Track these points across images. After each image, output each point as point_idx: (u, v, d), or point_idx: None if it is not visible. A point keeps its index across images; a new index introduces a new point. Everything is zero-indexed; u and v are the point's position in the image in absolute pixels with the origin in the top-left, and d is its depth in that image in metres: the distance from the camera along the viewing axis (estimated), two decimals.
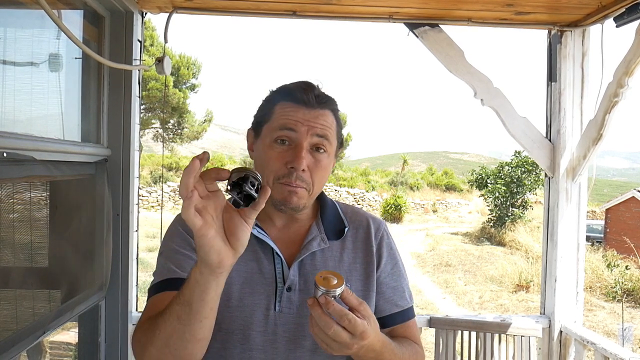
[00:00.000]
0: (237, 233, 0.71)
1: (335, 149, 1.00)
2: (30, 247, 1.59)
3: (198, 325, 0.75)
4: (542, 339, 2.37)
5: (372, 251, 1.01)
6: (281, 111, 0.94)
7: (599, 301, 9.89)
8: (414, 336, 1.03)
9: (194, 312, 0.74)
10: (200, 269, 0.72)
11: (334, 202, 1.08)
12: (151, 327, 0.79)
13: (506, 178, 16.66)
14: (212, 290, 0.73)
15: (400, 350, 0.91)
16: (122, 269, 2.10)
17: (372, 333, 0.77)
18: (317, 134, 0.93)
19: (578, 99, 2.35)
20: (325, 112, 0.95)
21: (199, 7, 2.17)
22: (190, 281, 0.74)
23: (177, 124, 20.20)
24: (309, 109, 0.93)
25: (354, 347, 0.75)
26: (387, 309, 1.00)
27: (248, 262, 0.95)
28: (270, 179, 0.92)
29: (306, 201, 0.95)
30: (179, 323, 0.75)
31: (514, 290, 10.29)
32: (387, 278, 1.02)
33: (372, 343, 0.79)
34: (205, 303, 0.74)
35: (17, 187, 1.47)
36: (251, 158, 1.02)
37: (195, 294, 0.73)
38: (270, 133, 0.94)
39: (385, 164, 72.95)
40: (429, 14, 2.21)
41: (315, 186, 0.95)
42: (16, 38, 1.72)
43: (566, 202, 2.36)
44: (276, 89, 1.00)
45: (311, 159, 0.93)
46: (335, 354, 0.77)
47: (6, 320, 1.46)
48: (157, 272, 0.94)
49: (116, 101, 2.07)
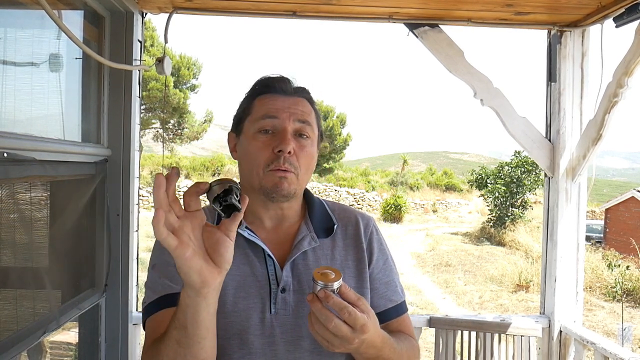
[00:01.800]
0: (220, 249, 0.70)
1: (318, 139, 1.01)
2: (30, 247, 1.59)
3: (197, 347, 0.75)
4: (542, 339, 2.37)
5: (362, 247, 1.02)
6: (260, 102, 0.97)
7: (599, 301, 9.90)
8: (408, 329, 1.04)
9: (191, 335, 0.74)
10: (187, 292, 0.71)
11: (321, 200, 1.08)
12: (155, 354, 0.79)
13: (506, 178, 16.66)
14: (203, 311, 0.72)
15: (399, 345, 0.91)
16: (122, 269, 2.10)
17: (372, 327, 0.77)
18: (299, 119, 0.95)
19: (578, 99, 2.35)
20: (303, 100, 0.99)
21: (199, 7, 2.18)
22: (181, 305, 0.73)
23: (177, 124, 20.22)
24: (287, 97, 0.97)
25: (355, 341, 0.75)
26: (381, 304, 1.00)
27: (240, 266, 0.94)
28: (260, 168, 0.93)
29: (296, 187, 0.95)
30: (179, 347, 0.75)
31: (514, 290, 10.29)
32: (379, 274, 1.02)
33: (373, 338, 0.78)
34: (200, 324, 0.73)
35: (18, 187, 1.47)
36: (234, 159, 1.02)
37: (188, 318, 0.73)
38: (252, 125, 0.96)
39: (385, 164, 72.94)
40: (429, 14, 2.21)
41: (302, 171, 0.95)
42: (16, 38, 1.72)
43: (566, 202, 2.36)
44: (252, 85, 1.02)
45: (296, 144, 0.94)
46: (337, 350, 0.76)
47: (6, 320, 1.46)
48: (151, 288, 0.93)
49: (116, 101, 2.07)
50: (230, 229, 0.71)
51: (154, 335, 0.84)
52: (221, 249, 0.70)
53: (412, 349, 0.98)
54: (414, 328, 2.27)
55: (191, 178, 22.25)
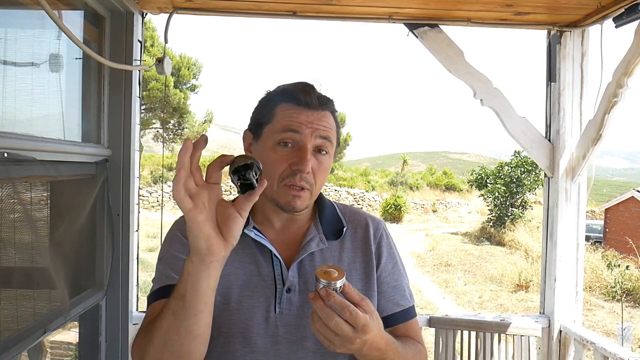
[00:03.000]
0: (229, 224, 0.72)
1: (335, 151, 1.00)
2: (30, 247, 1.59)
3: (193, 320, 0.76)
4: (542, 339, 2.37)
5: (371, 250, 1.01)
6: (283, 113, 0.93)
7: (599, 301, 9.90)
8: (416, 335, 1.02)
9: (188, 306, 0.75)
10: (191, 258, 0.73)
11: (333, 202, 1.08)
12: (150, 329, 0.80)
13: (506, 178, 16.66)
14: (203, 281, 0.73)
15: (404, 349, 0.90)
16: (122, 269, 2.11)
17: (374, 328, 0.76)
18: (321, 136, 0.93)
19: (577, 99, 2.36)
20: (327, 114, 0.95)
21: (199, 7, 2.18)
22: (183, 273, 0.75)
23: (178, 124, 20.21)
24: (311, 111, 0.93)
25: (357, 341, 0.74)
26: (388, 308, 1.00)
27: (246, 265, 0.95)
28: (274, 181, 0.92)
29: (308, 202, 0.95)
30: (174, 319, 0.76)
31: (514, 290, 10.29)
32: (387, 277, 1.01)
33: (375, 340, 0.78)
34: (198, 295, 0.74)
35: (18, 187, 1.47)
36: None
37: (188, 286, 0.74)
38: (272, 135, 0.93)
39: (385, 164, 72.93)
40: (429, 15, 2.21)
41: (317, 187, 0.95)
42: (17, 38, 1.72)
43: (566, 202, 2.36)
44: (276, 90, 0.99)
45: (315, 161, 0.93)
46: (339, 350, 0.76)
47: (7, 320, 1.46)
48: (157, 279, 0.94)
49: (117, 101, 2.08)
50: (244, 208, 0.73)
51: (150, 319, 0.85)
52: (231, 223, 0.72)
53: (419, 354, 0.97)
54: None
55: None
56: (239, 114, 27.42)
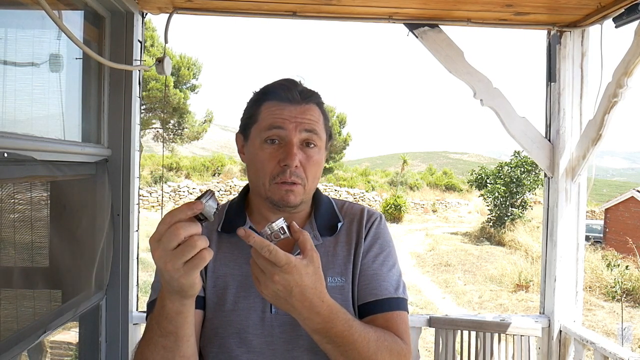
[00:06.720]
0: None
1: (326, 142, 1.00)
2: (31, 247, 1.59)
3: (186, 345, 0.79)
4: (542, 339, 2.37)
5: (361, 237, 1.00)
6: (267, 111, 0.95)
7: (599, 301, 9.91)
8: (397, 330, 0.93)
9: (181, 338, 0.78)
10: (181, 302, 0.75)
11: (330, 199, 1.08)
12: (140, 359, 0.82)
13: (505, 178, 16.67)
14: (191, 311, 0.77)
15: (365, 329, 0.84)
16: (122, 268, 2.11)
17: (304, 276, 0.75)
18: (306, 129, 0.94)
19: (577, 99, 2.36)
20: (311, 107, 0.96)
21: (199, 7, 2.18)
22: (170, 314, 0.76)
23: (178, 124, 20.22)
24: (294, 106, 0.94)
25: (275, 277, 0.74)
26: (361, 296, 0.96)
27: (242, 266, 0.95)
28: (266, 180, 0.93)
29: (303, 197, 0.95)
30: (166, 352, 0.79)
31: (514, 290, 10.30)
32: (366, 266, 0.98)
33: (306, 292, 0.76)
34: (188, 324, 0.78)
35: (18, 187, 1.47)
36: (243, 162, 1.02)
37: (178, 323, 0.76)
38: (259, 134, 0.95)
39: (385, 164, 72.93)
40: (429, 15, 2.21)
41: (310, 181, 0.95)
42: (17, 38, 1.72)
43: (565, 202, 2.37)
44: (259, 90, 1.00)
45: (303, 155, 0.93)
46: (265, 291, 0.76)
47: (7, 320, 1.47)
48: (155, 287, 0.95)
49: (117, 101, 2.08)
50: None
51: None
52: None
53: (385, 341, 0.88)
54: (414, 328, 2.28)
55: (191, 178, 22.24)
56: (238, 114, 27.91)
